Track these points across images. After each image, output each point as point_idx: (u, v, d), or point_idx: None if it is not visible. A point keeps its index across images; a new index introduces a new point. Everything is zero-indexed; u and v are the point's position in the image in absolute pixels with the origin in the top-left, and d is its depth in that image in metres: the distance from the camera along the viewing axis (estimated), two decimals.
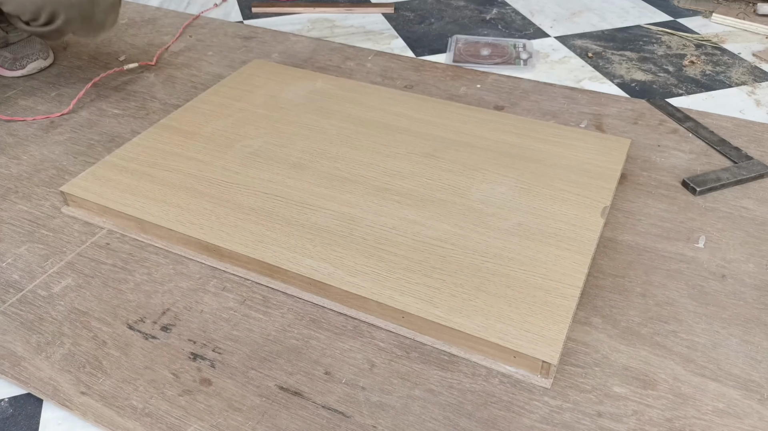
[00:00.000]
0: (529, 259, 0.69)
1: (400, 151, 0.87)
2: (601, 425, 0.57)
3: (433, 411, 0.59)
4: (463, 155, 0.86)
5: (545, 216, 0.75)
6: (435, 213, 0.76)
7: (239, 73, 1.07)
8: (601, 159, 0.85)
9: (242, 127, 0.92)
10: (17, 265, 0.75)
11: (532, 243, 0.71)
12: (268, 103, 0.98)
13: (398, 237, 0.72)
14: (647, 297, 0.70)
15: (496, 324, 0.62)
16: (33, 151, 0.94)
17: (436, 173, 0.83)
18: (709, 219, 0.81)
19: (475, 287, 0.66)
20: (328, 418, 0.58)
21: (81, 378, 0.62)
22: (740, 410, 0.59)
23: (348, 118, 0.94)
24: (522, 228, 0.74)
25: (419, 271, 0.68)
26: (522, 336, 0.61)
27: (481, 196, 0.78)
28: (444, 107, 0.98)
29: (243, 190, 0.80)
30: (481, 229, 0.73)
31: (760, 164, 0.89)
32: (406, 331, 0.66)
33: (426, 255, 0.70)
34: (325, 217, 0.75)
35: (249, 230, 0.74)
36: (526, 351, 0.60)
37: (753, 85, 1.13)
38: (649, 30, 1.35)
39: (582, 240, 0.72)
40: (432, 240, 0.72)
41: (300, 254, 0.70)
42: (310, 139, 0.89)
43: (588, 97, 1.07)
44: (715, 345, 0.65)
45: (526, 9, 1.46)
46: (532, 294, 0.65)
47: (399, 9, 1.46)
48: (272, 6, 1.45)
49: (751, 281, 0.72)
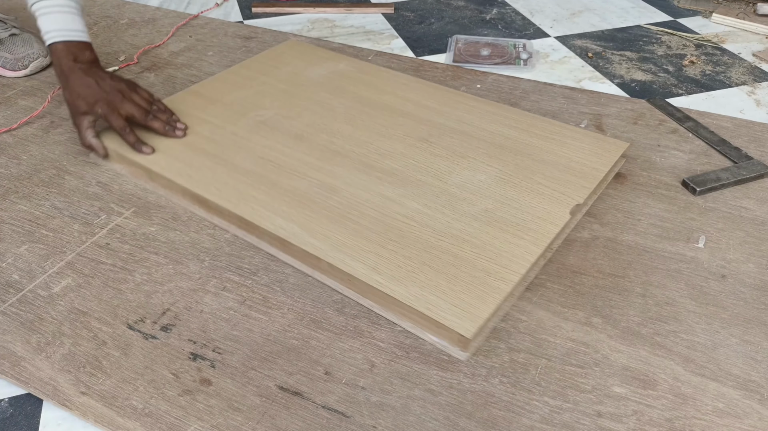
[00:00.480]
0: (483, 243, 0.72)
1: (398, 133, 0.91)
2: (601, 425, 0.58)
3: (433, 411, 0.59)
4: (456, 142, 0.89)
5: (514, 206, 0.77)
6: (410, 192, 0.80)
7: (273, 50, 1.14)
8: (591, 159, 0.85)
9: (260, 99, 0.99)
10: (17, 265, 0.75)
11: (491, 229, 0.74)
12: (289, 79, 1.05)
13: (368, 209, 0.77)
14: (647, 297, 0.70)
15: (429, 296, 0.65)
16: (33, 151, 0.94)
17: (424, 156, 0.86)
18: (709, 219, 0.81)
19: (422, 262, 0.69)
20: (328, 418, 0.58)
21: (81, 378, 0.62)
22: (740, 410, 0.59)
23: (358, 99, 0.99)
24: (487, 214, 0.76)
25: (375, 241, 0.72)
26: (449, 309, 0.64)
27: (459, 181, 0.81)
28: (454, 97, 1.00)
29: (243, 153, 0.86)
30: (447, 211, 0.77)
31: (760, 164, 0.89)
32: (351, 293, 0.70)
33: (387, 228, 0.74)
34: (307, 185, 0.81)
35: (237, 188, 0.80)
36: (447, 323, 0.63)
37: (753, 85, 1.13)
38: (649, 30, 1.35)
39: (541, 232, 0.73)
40: (398, 215, 0.76)
41: (274, 213, 0.76)
42: (317, 115, 0.95)
43: (588, 97, 1.07)
44: (715, 345, 0.65)
45: (526, 9, 1.46)
46: (473, 275, 0.68)
47: (399, 9, 1.46)
48: (272, 6, 1.45)
49: (751, 281, 0.72)
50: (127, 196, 0.85)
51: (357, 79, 1.04)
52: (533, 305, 0.69)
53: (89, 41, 0.91)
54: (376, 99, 0.99)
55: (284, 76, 1.05)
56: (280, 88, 1.02)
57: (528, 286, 0.71)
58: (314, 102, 0.98)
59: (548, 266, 0.74)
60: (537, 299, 0.70)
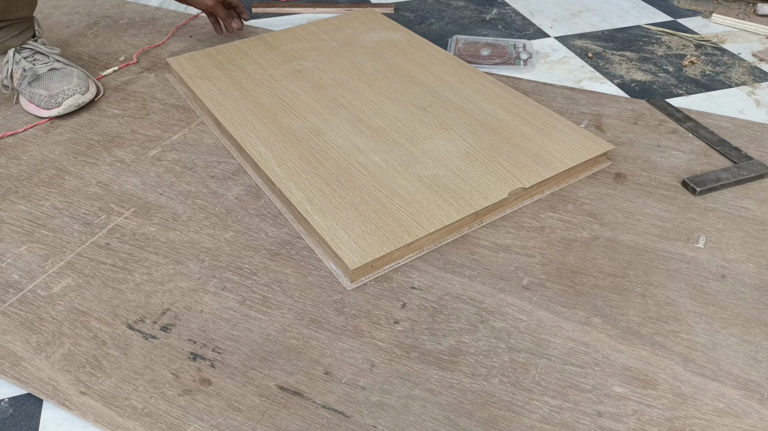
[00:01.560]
0: (412, 200, 0.78)
1: (402, 98, 0.99)
2: (601, 425, 0.58)
3: (433, 411, 0.59)
4: (448, 115, 0.95)
5: (462, 177, 0.82)
6: (379, 147, 0.87)
7: (347, 15, 1.26)
8: (564, 152, 0.87)
9: (309, 52, 1.12)
10: (17, 265, 0.75)
11: (427, 191, 0.79)
12: (344, 40, 1.16)
13: (335, 153, 0.86)
14: (647, 297, 0.70)
15: (339, 230, 0.73)
16: (33, 151, 0.94)
17: (411, 122, 0.93)
18: (709, 219, 0.81)
19: (352, 203, 0.77)
20: (328, 418, 0.58)
21: (81, 378, 0.62)
22: (740, 410, 0.59)
23: (389, 65, 1.08)
24: (433, 179, 0.81)
25: (324, 179, 0.81)
26: (348, 244, 0.72)
27: (427, 148, 0.88)
28: (475, 77, 1.05)
29: (267, 91, 1.00)
30: (401, 169, 0.83)
31: (760, 164, 0.89)
32: (290, 217, 0.81)
33: (341, 171, 0.83)
34: (300, 125, 0.92)
35: (245, 117, 0.94)
36: (340, 254, 0.70)
37: (753, 85, 1.13)
38: (649, 30, 1.35)
39: (470, 202, 0.78)
40: (356, 164, 0.84)
41: (259, 142, 0.88)
42: (346, 72, 1.06)
43: (588, 98, 1.07)
44: (715, 345, 0.65)
45: (526, 9, 1.46)
46: (386, 222, 0.75)
47: (399, 9, 1.46)
48: (272, 6, 1.45)
49: (751, 281, 0.72)
50: (127, 196, 0.85)
51: (399, 49, 1.13)
52: (533, 305, 0.69)
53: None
54: (404, 67, 1.07)
55: (341, 37, 1.17)
56: (332, 46, 1.14)
57: (527, 286, 0.71)
58: (351, 62, 1.09)
59: (548, 266, 0.74)
60: (537, 299, 0.70)
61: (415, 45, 1.15)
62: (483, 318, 0.68)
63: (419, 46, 1.14)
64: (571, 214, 0.81)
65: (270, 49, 1.13)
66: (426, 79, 1.04)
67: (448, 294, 0.70)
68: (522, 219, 0.80)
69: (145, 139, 0.97)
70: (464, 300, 0.70)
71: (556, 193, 0.85)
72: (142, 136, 0.98)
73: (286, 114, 0.94)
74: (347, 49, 1.13)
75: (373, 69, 1.06)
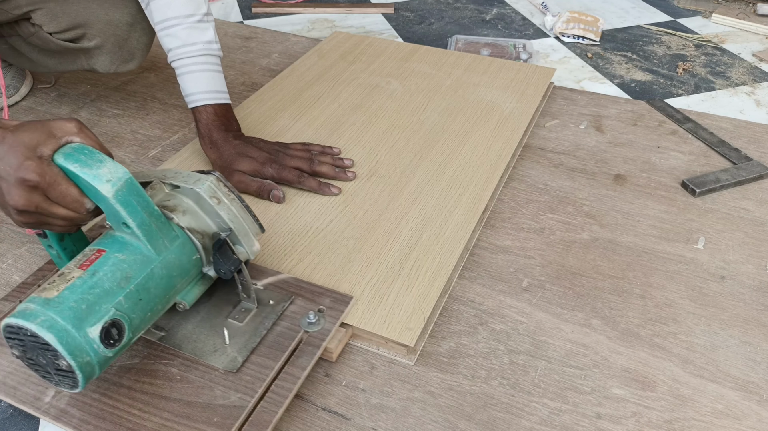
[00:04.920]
0: None
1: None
2: (600, 427, 0.58)
3: (433, 414, 0.59)
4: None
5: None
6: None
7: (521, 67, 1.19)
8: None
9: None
10: (17, 266, 0.75)
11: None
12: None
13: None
14: (646, 298, 0.70)
15: None
16: None
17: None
18: (708, 220, 0.81)
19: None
20: (328, 420, 0.58)
21: None
22: (739, 411, 0.59)
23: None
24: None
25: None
26: None
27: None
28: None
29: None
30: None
31: (760, 165, 0.89)
32: None
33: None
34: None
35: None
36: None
37: (753, 86, 1.13)
38: (649, 30, 1.35)
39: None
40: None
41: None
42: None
43: (587, 99, 1.07)
44: (714, 346, 0.65)
45: (526, 9, 1.46)
46: None
47: (399, 9, 1.46)
48: (272, 6, 1.45)
49: (750, 282, 0.72)
50: None
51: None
52: (533, 307, 0.69)
53: (229, 101, 0.86)
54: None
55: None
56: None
57: (527, 287, 0.71)
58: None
59: (547, 267, 0.74)
60: (536, 301, 0.70)
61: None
62: (482, 320, 0.68)
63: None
64: (571, 215, 0.81)
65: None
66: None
67: (448, 295, 0.70)
68: (521, 221, 0.80)
69: (145, 138, 0.97)
70: (464, 302, 0.70)
71: (555, 194, 0.85)
72: (142, 135, 0.98)
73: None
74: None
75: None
